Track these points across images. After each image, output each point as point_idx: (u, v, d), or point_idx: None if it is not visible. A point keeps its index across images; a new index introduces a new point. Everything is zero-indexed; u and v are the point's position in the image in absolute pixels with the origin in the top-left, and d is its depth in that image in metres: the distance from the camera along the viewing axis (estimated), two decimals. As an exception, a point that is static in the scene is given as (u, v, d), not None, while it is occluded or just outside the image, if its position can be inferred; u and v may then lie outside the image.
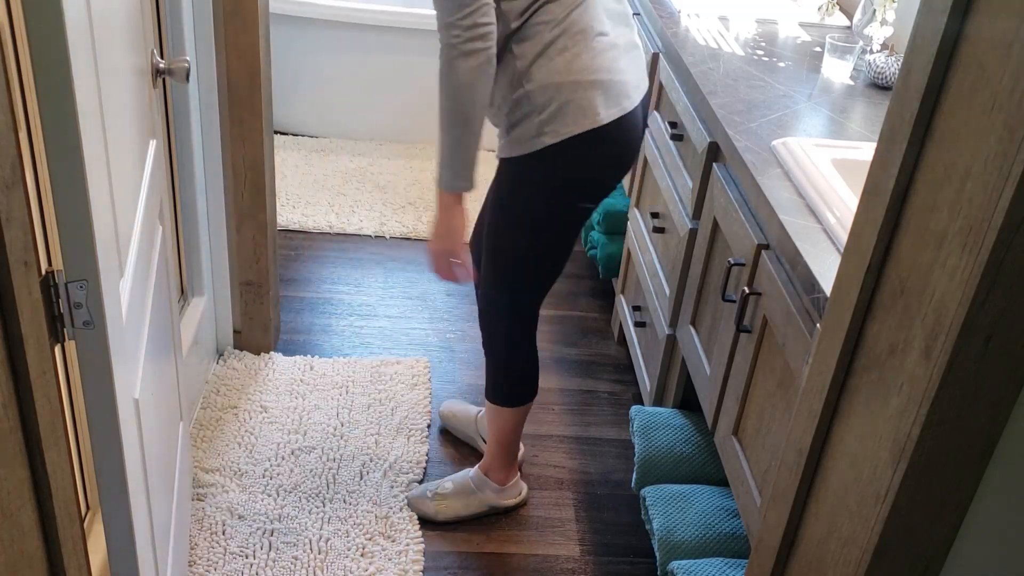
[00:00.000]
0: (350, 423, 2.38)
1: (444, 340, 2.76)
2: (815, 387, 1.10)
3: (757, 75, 2.16)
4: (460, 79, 1.59)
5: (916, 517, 0.94)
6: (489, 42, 1.58)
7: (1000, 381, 0.85)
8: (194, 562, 1.95)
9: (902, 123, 0.93)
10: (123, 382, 1.21)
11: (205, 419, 2.34)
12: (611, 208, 2.87)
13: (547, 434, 2.45)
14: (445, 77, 1.60)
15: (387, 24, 3.69)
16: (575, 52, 1.65)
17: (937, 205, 0.88)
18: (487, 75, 1.61)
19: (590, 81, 1.66)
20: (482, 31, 1.56)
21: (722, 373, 1.75)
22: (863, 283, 0.99)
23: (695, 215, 2.03)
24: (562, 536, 2.15)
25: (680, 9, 2.56)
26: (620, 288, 2.74)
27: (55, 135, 1.01)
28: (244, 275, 2.50)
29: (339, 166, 3.68)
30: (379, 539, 2.05)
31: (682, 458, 1.97)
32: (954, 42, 0.86)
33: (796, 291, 1.46)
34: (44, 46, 0.97)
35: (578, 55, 1.65)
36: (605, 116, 1.68)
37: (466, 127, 1.63)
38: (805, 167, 1.64)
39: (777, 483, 1.21)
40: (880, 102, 2.07)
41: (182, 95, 2.15)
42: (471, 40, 1.56)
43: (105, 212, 1.14)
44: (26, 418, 0.97)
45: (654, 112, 2.43)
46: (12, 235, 0.89)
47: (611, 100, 1.69)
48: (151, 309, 1.51)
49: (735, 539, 1.79)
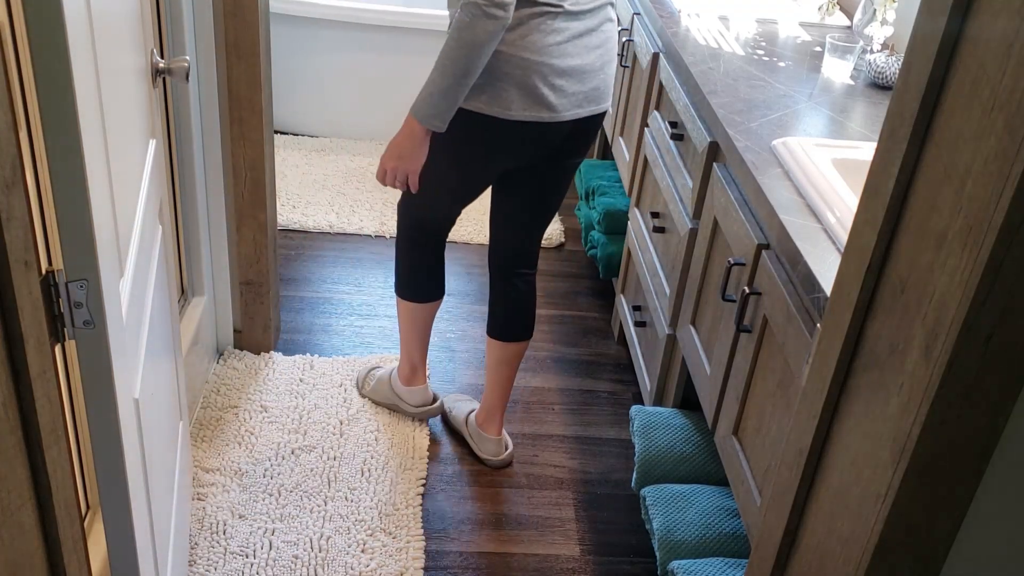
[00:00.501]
0: (350, 422, 2.38)
1: (444, 340, 2.76)
2: (815, 387, 1.10)
3: (757, 75, 2.16)
4: (475, 37, 1.71)
5: (916, 517, 0.94)
6: (509, 12, 1.72)
7: (1000, 381, 0.85)
8: (194, 561, 1.95)
9: (902, 123, 0.93)
10: (123, 382, 1.21)
11: (205, 419, 2.34)
12: (611, 208, 2.87)
13: (547, 434, 2.46)
14: (461, 30, 1.72)
15: (387, 24, 3.69)
16: (534, 40, 1.81)
17: (937, 205, 0.88)
18: (497, 39, 1.74)
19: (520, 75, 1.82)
20: (506, 1, 1.70)
21: (722, 373, 1.75)
22: (863, 283, 0.99)
23: (695, 215, 2.03)
24: (562, 536, 2.15)
25: (680, 9, 2.56)
26: (620, 288, 2.74)
27: (55, 134, 1.01)
28: (244, 275, 2.50)
29: (339, 166, 3.68)
30: (380, 535, 2.06)
31: (682, 458, 1.97)
32: (954, 42, 0.86)
33: (796, 291, 1.46)
34: (44, 45, 0.97)
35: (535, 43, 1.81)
36: (515, 114, 1.85)
37: (463, 78, 1.76)
38: (805, 167, 1.64)
39: (777, 483, 1.21)
40: (880, 102, 2.07)
41: (182, 95, 2.15)
42: (495, 6, 1.69)
43: (105, 212, 1.14)
44: (26, 418, 0.97)
45: (654, 112, 2.44)
46: (12, 234, 0.89)
47: (528, 103, 1.85)
48: (151, 309, 1.51)
49: (735, 539, 1.79)
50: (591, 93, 1.92)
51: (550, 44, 1.82)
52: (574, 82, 1.88)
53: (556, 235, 3.35)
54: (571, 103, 1.89)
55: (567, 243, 3.35)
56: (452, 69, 1.74)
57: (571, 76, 1.87)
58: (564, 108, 1.89)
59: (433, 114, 1.80)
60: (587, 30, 1.88)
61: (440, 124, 1.82)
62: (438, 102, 1.78)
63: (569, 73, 1.86)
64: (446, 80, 1.75)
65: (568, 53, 1.85)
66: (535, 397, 2.58)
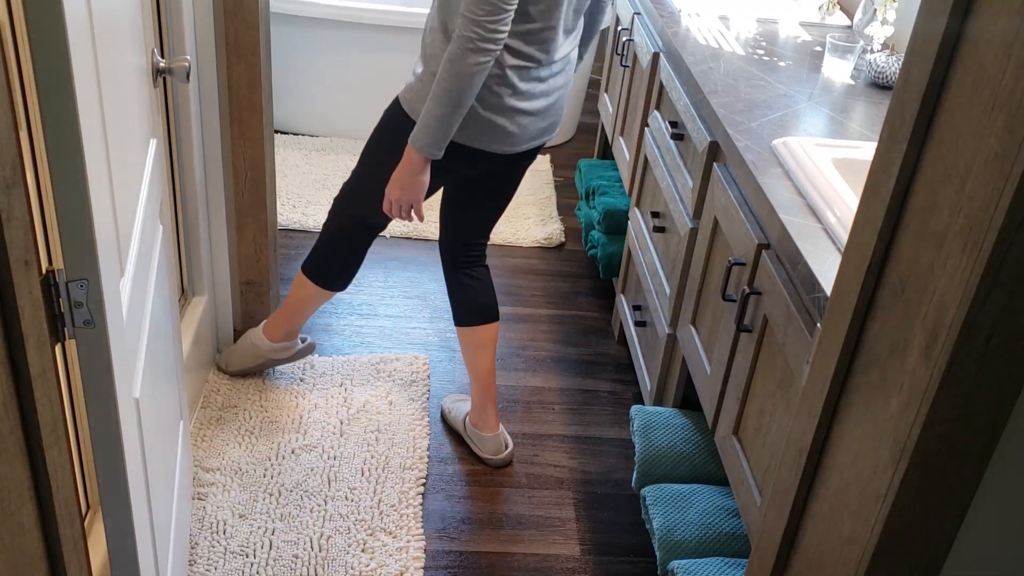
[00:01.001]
0: (350, 422, 2.38)
1: (444, 339, 2.76)
2: (815, 387, 1.10)
3: (758, 74, 2.16)
4: (466, 69, 1.77)
5: (916, 517, 0.94)
6: (499, 46, 1.78)
7: (1000, 381, 0.85)
8: (194, 561, 1.95)
9: (902, 123, 0.93)
10: (123, 381, 1.21)
11: (205, 418, 2.34)
12: (611, 208, 2.87)
13: (547, 433, 2.46)
14: (453, 62, 1.78)
15: (387, 24, 3.69)
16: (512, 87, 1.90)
17: (937, 205, 0.88)
18: (486, 72, 1.80)
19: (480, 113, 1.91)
20: (499, 37, 1.76)
21: (722, 373, 1.75)
22: (863, 283, 0.99)
23: (696, 214, 2.03)
24: (562, 535, 2.15)
25: (680, 8, 2.56)
26: (620, 287, 2.74)
27: (55, 134, 1.01)
28: (244, 274, 2.50)
29: (340, 165, 3.68)
30: (380, 535, 2.06)
31: (682, 457, 1.97)
32: (954, 42, 0.86)
33: (796, 291, 1.46)
34: (45, 45, 0.97)
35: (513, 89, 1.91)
36: (476, 144, 1.96)
37: (456, 108, 1.82)
38: (805, 167, 1.64)
39: (777, 483, 1.21)
40: (881, 102, 2.07)
41: (182, 95, 2.15)
42: (487, 42, 1.75)
43: (105, 211, 1.15)
44: (26, 417, 0.97)
45: (654, 111, 2.44)
46: (12, 234, 0.89)
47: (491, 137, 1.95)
48: (151, 308, 1.51)
49: (735, 538, 1.79)
50: (548, 127, 2.05)
51: (524, 92, 1.93)
52: (536, 120, 2.00)
53: (556, 235, 3.35)
54: (529, 136, 2.01)
55: (567, 243, 3.35)
56: (446, 99, 1.80)
57: (535, 115, 1.99)
58: (522, 141, 2.00)
59: (430, 143, 1.86)
60: (556, 73, 1.98)
61: (437, 152, 1.88)
62: (434, 131, 1.85)
63: (534, 113, 1.98)
64: (441, 109, 1.82)
65: (537, 97, 1.96)
66: (535, 397, 2.58)
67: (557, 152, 4.04)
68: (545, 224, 3.43)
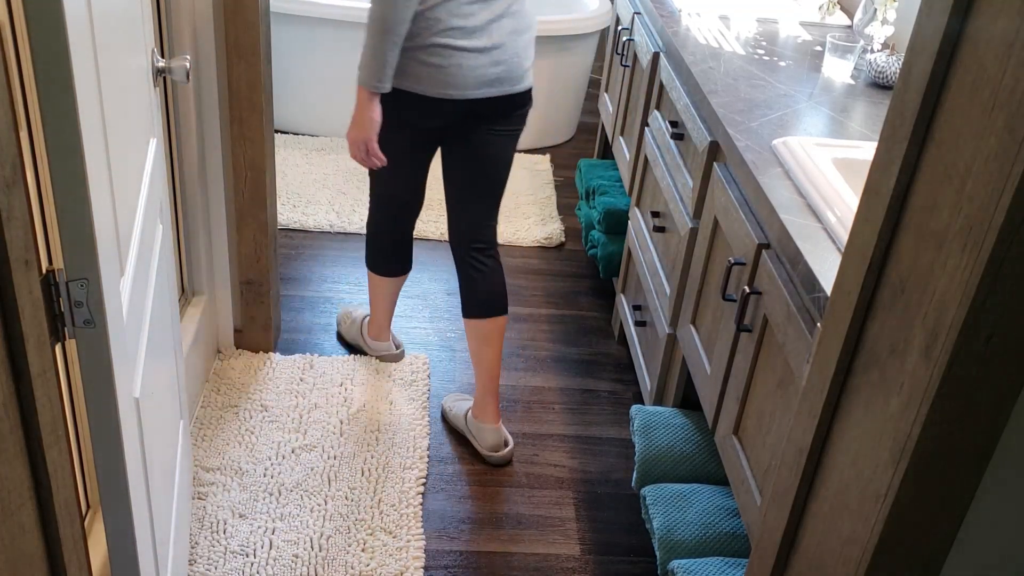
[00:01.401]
0: (350, 421, 2.38)
1: (444, 339, 2.76)
2: (815, 386, 1.10)
3: (758, 74, 2.16)
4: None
5: (916, 517, 0.94)
6: None
7: (1000, 381, 0.85)
8: (194, 561, 1.95)
9: (902, 123, 0.93)
10: (123, 381, 1.21)
11: (205, 418, 2.34)
12: (611, 207, 2.87)
13: (547, 433, 2.46)
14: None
15: (388, 23, 3.68)
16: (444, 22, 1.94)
17: (937, 205, 0.88)
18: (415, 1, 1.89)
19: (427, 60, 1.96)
20: None
21: (722, 372, 1.75)
22: (863, 283, 0.99)
23: (696, 214, 2.03)
24: (562, 535, 2.15)
25: (681, 8, 2.56)
26: (620, 287, 2.74)
27: (55, 134, 1.01)
28: (244, 274, 2.50)
29: (340, 165, 3.68)
30: (380, 534, 2.06)
31: (682, 457, 1.97)
32: (955, 42, 0.86)
33: (796, 290, 1.46)
34: (44, 45, 0.97)
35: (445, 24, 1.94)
36: (426, 91, 2.00)
37: (384, 36, 1.90)
38: (806, 166, 1.64)
39: (777, 482, 1.21)
40: (881, 101, 2.07)
41: (182, 95, 2.15)
42: None
43: (105, 211, 1.15)
44: (26, 417, 0.97)
45: (655, 111, 2.44)
46: (12, 234, 0.89)
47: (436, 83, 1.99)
48: (151, 308, 1.51)
49: (735, 538, 1.79)
50: (504, 76, 2.04)
51: (455, 27, 1.95)
52: (481, 60, 2.00)
53: (556, 235, 3.35)
54: (477, 80, 2.01)
55: (567, 243, 3.36)
56: (374, 28, 1.90)
57: (477, 54, 1.99)
58: (468, 84, 2.01)
59: (368, 75, 1.95)
60: (498, 15, 2.00)
61: (379, 84, 1.95)
62: (369, 62, 1.94)
63: (472, 51, 1.98)
64: (372, 39, 1.91)
65: (472, 34, 1.97)
66: (535, 397, 2.58)
67: (557, 152, 4.04)
68: (545, 224, 3.43)
